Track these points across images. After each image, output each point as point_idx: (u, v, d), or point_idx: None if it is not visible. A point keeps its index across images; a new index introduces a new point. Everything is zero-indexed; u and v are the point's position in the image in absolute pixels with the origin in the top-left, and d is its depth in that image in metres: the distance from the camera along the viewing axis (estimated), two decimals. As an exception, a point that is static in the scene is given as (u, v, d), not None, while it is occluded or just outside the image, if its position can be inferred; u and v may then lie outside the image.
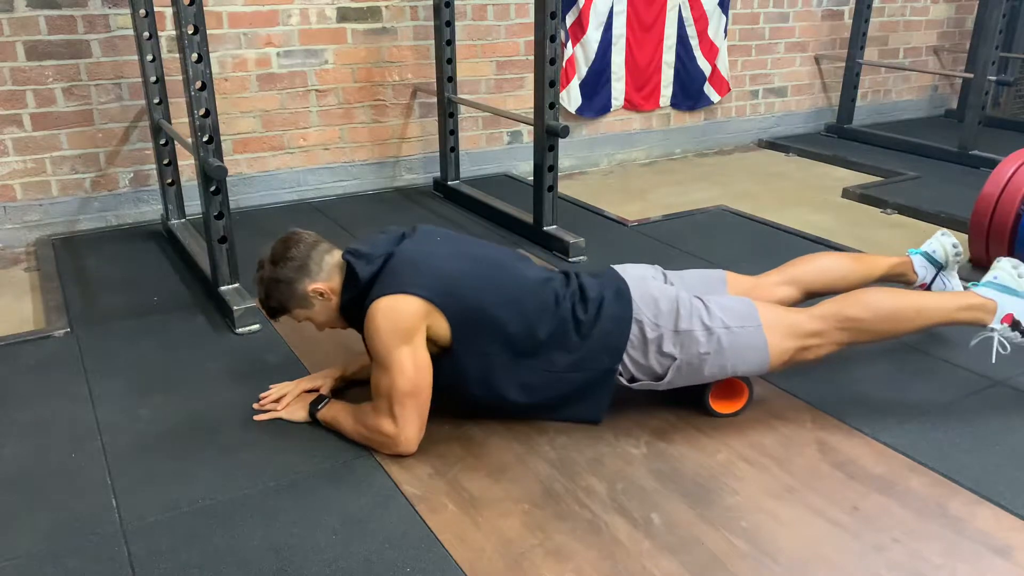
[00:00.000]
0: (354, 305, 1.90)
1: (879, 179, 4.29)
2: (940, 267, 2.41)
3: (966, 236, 2.97)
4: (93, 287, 2.90)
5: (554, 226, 3.27)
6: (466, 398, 1.96)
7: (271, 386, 2.13)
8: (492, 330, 1.88)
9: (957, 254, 2.42)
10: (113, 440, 1.96)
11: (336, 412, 1.95)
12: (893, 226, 3.58)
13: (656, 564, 1.55)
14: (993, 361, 2.03)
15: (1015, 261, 2.08)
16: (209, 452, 1.91)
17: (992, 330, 2.01)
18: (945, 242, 2.42)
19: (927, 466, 1.83)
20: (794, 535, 1.63)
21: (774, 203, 3.89)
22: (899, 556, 1.57)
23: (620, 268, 2.09)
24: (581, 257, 3.13)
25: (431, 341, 1.85)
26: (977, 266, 2.96)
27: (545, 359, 1.92)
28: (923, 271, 2.40)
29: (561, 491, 1.76)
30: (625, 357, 1.93)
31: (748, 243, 3.32)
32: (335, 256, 1.94)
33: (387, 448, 1.85)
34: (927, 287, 2.40)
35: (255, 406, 2.07)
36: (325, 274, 1.92)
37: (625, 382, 1.96)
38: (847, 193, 4.00)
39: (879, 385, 2.19)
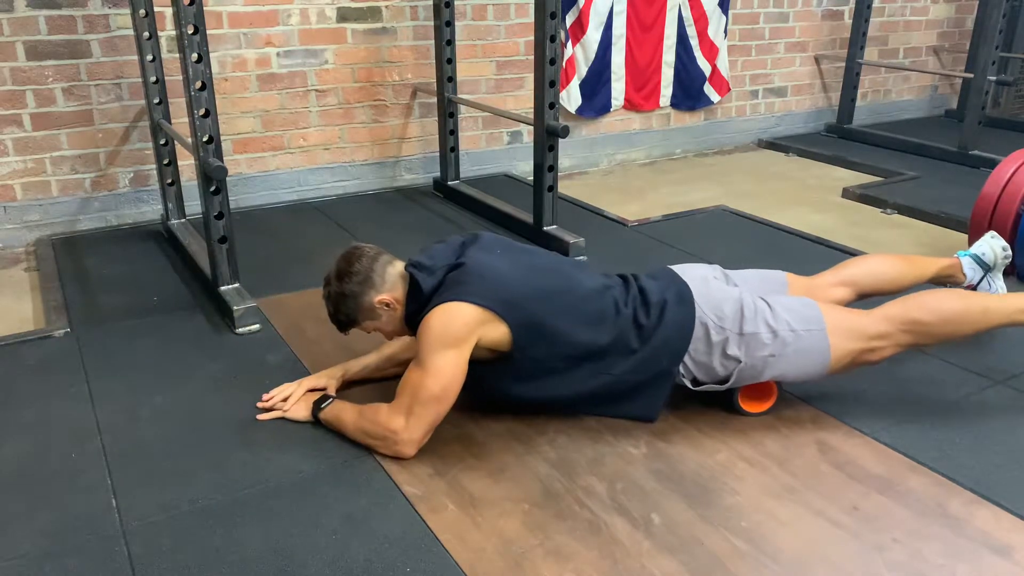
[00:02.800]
0: (417, 315, 1.91)
1: (879, 179, 4.29)
2: (988, 269, 2.42)
3: (966, 236, 2.97)
4: (93, 287, 2.90)
5: (554, 226, 3.27)
6: (515, 400, 1.98)
7: (274, 389, 2.13)
8: (554, 341, 1.89)
9: (1006, 256, 2.43)
10: (113, 440, 1.96)
11: (339, 411, 1.95)
12: (893, 226, 3.58)
13: (656, 564, 1.55)
14: None
15: None
16: (209, 452, 1.91)
17: None
18: (995, 245, 2.43)
19: (927, 466, 1.83)
20: (794, 535, 1.63)
21: (774, 203, 3.89)
22: (899, 556, 1.57)
23: (679, 268, 2.09)
24: (581, 257, 3.13)
25: (488, 348, 1.87)
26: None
27: (604, 363, 1.93)
28: (971, 272, 2.41)
29: (561, 491, 1.76)
30: (689, 360, 1.94)
31: (748, 243, 3.32)
32: (397, 267, 1.96)
33: (387, 446, 1.85)
34: (973, 288, 2.41)
35: (259, 404, 2.07)
36: (389, 285, 1.93)
37: (689, 385, 1.97)
38: (847, 193, 4.00)
39: (879, 385, 2.19)
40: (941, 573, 1.53)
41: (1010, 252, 2.43)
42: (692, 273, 2.05)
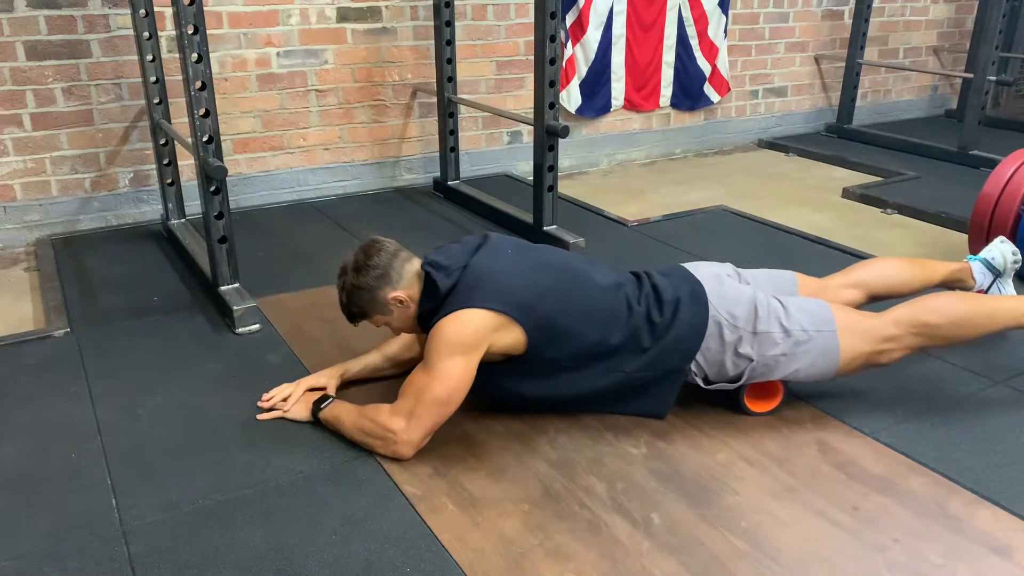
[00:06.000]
0: (430, 314, 1.92)
1: (879, 179, 4.29)
2: (998, 274, 2.42)
3: (966, 236, 2.97)
4: (93, 287, 2.90)
5: (554, 226, 3.27)
6: (527, 398, 1.98)
7: (274, 389, 2.12)
8: (566, 340, 1.90)
9: (1016, 261, 2.42)
10: (113, 440, 1.96)
11: (338, 411, 1.95)
12: (893, 226, 3.58)
13: (656, 564, 1.55)
14: None
15: None
16: (209, 452, 1.91)
17: None
18: (1005, 249, 2.42)
19: (927, 466, 1.83)
20: (794, 535, 1.63)
21: (774, 203, 3.89)
22: (899, 556, 1.57)
23: (692, 266, 2.09)
24: (581, 257, 3.13)
25: (500, 353, 1.87)
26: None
27: (616, 361, 1.93)
28: (981, 277, 2.41)
29: (561, 491, 1.76)
30: (701, 359, 1.94)
31: (748, 243, 3.32)
32: (414, 265, 1.96)
33: (385, 447, 1.85)
34: (984, 293, 2.41)
35: (260, 404, 2.07)
36: (405, 282, 1.93)
37: (701, 384, 1.97)
38: (847, 193, 4.00)
39: (879, 385, 2.19)
40: (941, 573, 1.53)
41: (1020, 257, 2.42)
42: (705, 271, 2.05)
